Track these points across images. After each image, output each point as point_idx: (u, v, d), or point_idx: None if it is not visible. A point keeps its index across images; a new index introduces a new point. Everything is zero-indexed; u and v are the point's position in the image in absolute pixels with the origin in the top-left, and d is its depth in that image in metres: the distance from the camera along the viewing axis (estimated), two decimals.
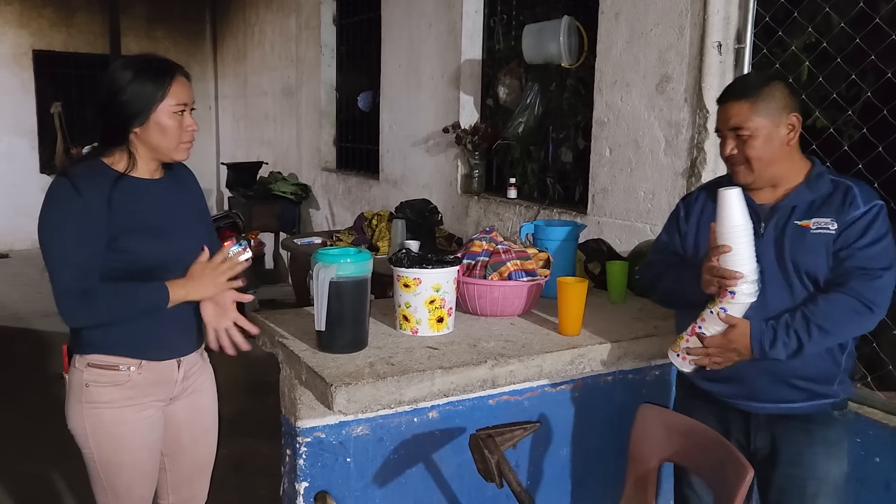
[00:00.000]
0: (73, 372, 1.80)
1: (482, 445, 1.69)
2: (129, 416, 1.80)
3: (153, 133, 1.71)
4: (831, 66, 2.45)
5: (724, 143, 1.76)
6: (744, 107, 1.70)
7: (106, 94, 1.69)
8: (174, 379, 1.88)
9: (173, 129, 1.71)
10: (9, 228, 8.67)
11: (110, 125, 1.70)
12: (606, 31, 3.24)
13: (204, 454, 2.04)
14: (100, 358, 1.76)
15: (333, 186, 6.39)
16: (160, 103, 1.68)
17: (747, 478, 1.58)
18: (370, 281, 1.93)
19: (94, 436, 1.79)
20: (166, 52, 9.88)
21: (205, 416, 2.01)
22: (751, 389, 1.80)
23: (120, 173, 1.72)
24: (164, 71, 1.70)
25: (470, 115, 4.50)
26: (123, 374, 1.77)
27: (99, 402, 1.77)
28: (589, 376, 2.18)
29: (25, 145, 8.73)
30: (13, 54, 8.57)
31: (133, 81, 1.67)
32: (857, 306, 1.65)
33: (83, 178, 1.67)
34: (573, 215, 3.52)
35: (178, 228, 1.80)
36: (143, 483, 1.89)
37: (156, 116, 1.69)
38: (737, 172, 1.77)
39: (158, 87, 1.67)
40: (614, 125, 3.24)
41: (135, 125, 1.69)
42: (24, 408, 4.01)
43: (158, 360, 1.83)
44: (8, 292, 6.71)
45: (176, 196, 1.84)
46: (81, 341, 1.77)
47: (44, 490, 3.20)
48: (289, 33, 7.08)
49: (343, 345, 1.90)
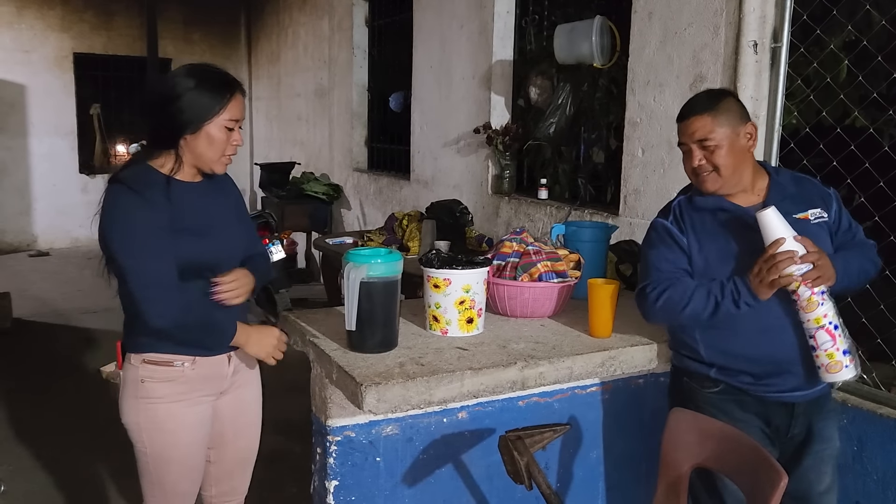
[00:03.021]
0: (129, 368, 1.84)
1: (511, 447, 1.68)
2: (181, 410, 1.85)
3: (201, 143, 1.73)
4: (871, 64, 2.40)
5: (691, 156, 1.90)
6: (707, 120, 1.85)
7: (162, 98, 1.71)
8: (225, 374, 1.92)
9: (221, 141, 1.74)
10: (50, 227, 8.90)
11: (161, 128, 1.73)
12: (639, 30, 3.21)
13: (246, 448, 2.07)
14: (155, 355, 1.80)
15: (365, 187, 6.43)
16: (216, 117, 1.71)
17: (781, 484, 1.56)
18: (400, 282, 1.94)
19: (147, 430, 1.84)
20: (202, 55, 10.04)
21: (250, 411, 2.04)
22: (797, 380, 1.87)
23: (167, 176, 1.76)
24: (225, 85, 1.72)
25: (501, 116, 4.49)
26: (177, 370, 1.81)
27: (153, 398, 1.82)
28: (620, 379, 2.16)
29: (66, 146, 8.93)
30: (55, 57, 8.78)
31: (193, 90, 1.69)
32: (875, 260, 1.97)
33: (137, 181, 1.70)
34: (604, 216, 3.49)
35: (216, 231, 1.84)
36: (189, 478, 1.94)
37: (208, 127, 1.71)
38: (705, 180, 1.90)
39: (217, 101, 1.70)
40: (647, 125, 3.21)
41: (187, 132, 1.72)
42: (61, 404, 4.11)
43: (211, 355, 1.87)
44: (49, 290, 6.88)
45: (215, 200, 1.88)
46: (137, 340, 1.80)
47: (78, 486, 3.27)
48: (322, 35, 7.15)
49: (373, 345, 1.91)
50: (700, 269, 1.92)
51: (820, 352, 1.79)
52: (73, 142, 8.98)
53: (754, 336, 1.86)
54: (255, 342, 1.87)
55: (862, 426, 2.21)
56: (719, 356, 1.92)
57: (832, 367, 1.78)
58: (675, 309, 1.88)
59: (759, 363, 1.88)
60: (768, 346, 1.86)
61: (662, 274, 1.92)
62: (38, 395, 4.24)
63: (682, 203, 1.99)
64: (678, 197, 2.03)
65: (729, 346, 1.90)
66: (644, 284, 1.95)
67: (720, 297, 1.83)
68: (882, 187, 2.30)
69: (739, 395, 1.93)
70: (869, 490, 2.21)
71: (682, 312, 1.88)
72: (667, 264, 1.93)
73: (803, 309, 1.78)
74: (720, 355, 1.92)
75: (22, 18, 8.61)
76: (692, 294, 1.86)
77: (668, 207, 2.02)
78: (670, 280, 1.91)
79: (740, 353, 1.89)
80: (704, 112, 1.86)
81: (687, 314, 1.88)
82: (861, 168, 2.35)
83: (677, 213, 1.98)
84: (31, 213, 8.83)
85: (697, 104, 1.90)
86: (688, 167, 1.93)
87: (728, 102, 1.89)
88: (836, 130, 2.47)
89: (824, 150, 2.48)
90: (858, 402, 2.23)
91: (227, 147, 1.75)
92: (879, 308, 2.29)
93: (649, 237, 2.01)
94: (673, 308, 1.88)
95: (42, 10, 8.68)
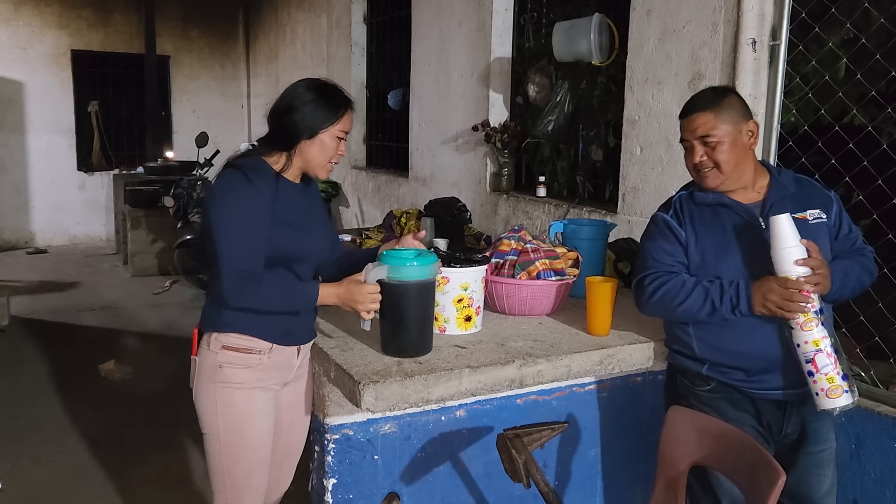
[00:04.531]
0: (206, 354, 1.89)
1: (510, 445, 1.68)
2: (257, 396, 1.90)
3: (314, 148, 1.89)
4: (870, 62, 2.40)
5: (693, 152, 1.91)
6: (709, 117, 1.87)
7: (286, 106, 1.88)
8: (293, 365, 1.96)
9: (331, 149, 1.90)
10: (48, 225, 8.88)
11: (284, 131, 1.88)
12: (638, 28, 3.21)
13: (296, 440, 2.09)
14: (236, 339, 1.86)
15: (363, 184, 6.42)
16: (332, 127, 1.88)
17: (780, 482, 1.56)
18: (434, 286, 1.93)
19: (223, 414, 1.88)
20: (200, 52, 10.02)
21: (304, 401, 2.06)
22: (789, 377, 1.86)
23: (276, 172, 1.89)
24: (340, 102, 1.90)
25: (499, 113, 4.49)
26: (255, 357, 1.87)
27: (232, 383, 1.87)
28: (618, 377, 2.16)
29: (64, 143, 8.92)
30: (53, 54, 8.76)
31: (312, 103, 1.87)
32: (872, 270, 1.97)
33: (253, 169, 1.83)
34: (603, 214, 3.49)
35: (312, 227, 1.96)
36: (259, 470, 1.95)
37: (323, 135, 1.88)
38: (706, 177, 1.91)
39: (333, 114, 1.88)
40: (645, 123, 3.21)
41: (304, 136, 1.87)
42: (59, 402, 4.09)
43: (286, 345, 1.92)
44: (46, 287, 6.86)
45: (310, 200, 2.00)
46: (221, 320, 1.86)
47: (76, 485, 3.26)
48: (320, 32, 7.14)
49: (394, 349, 1.90)
50: (696, 262, 1.92)
51: (820, 376, 1.75)
52: (72, 139, 8.96)
53: (747, 332, 1.87)
54: (346, 299, 1.89)
55: (860, 424, 2.21)
56: (711, 352, 1.92)
57: (832, 391, 1.74)
58: (670, 304, 1.89)
59: (751, 359, 1.88)
60: (761, 341, 1.86)
61: (660, 265, 1.94)
62: (35, 393, 4.23)
63: (683, 198, 2.01)
64: (680, 192, 2.04)
65: (721, 341, 1.90)
66: (642, 276, 1.96)
67: (718, 303, 1.83)
68: (881, 185, 2.30)
69: (731, 392, 1.93)
70: (867, 488, 2.21)
71: (677, 309, 1.89)
72: (665, 256, 1.94)
73: (801, 327, 1.75)
74: (712, 351, 1.92)
75: (19, 15, 8.58)
76: (690, 292, 1.87)
77: (669, 202, 2.04)
78: (668, 274, 1.91)
79: (733, 349, 1.89)
80: (707, 109, 1.87)
81: (681, 311, 1.89)
82: (860, 166, 2.35)
83: (678, 207, 1.99)
84: (28, 211, 8.82)
85: (700, 101, 1.91)
86: (689, 163, 1.94)
87: (731, 99, 1.90)
88: (835, 128, 2.47)
89: (823, 148, 2.48)
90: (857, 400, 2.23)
91: (334, 155, 1.91)
92: (878, 306, 2.29)
93: (649, 230, 2.03)
94: (668, 303, 1.89)
95: (39, 7, 8.66)
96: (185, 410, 1.95)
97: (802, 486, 1.91)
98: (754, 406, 1.92)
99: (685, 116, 1.92)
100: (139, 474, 3.29)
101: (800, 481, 1.91)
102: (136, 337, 5.32)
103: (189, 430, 1.96)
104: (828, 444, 1.94)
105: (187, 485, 3.20)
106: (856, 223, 2.02)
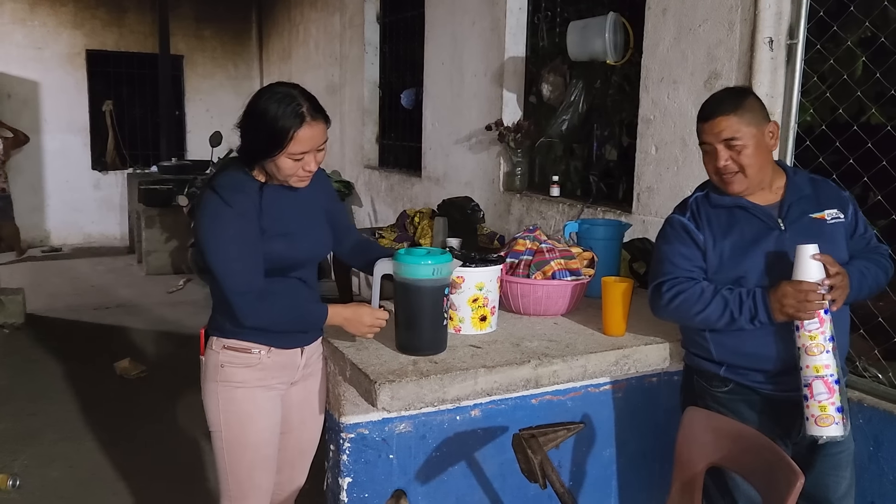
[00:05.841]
0: (210, 354, 1.93)
1: (525, 445, 1.68)
2: (258, 395, 1.92)
3: (274, 168, 1.83)
4: (888, 61, 2.38)
5: (716, 156, 1.86)
6: (732, 120, 1.83)
7: (241, 126, 1.84)
8: (297, 364, 1.98)
9: (289, 169, 1.82)
10: (62, 223, 8.96)
11: (242, 151, 1.87)
12: (653, 27, 3.19)
13: (308, 439, 2.10)
14: (235, 342, 1.90)
15: (376, 184, 6.43)
16: (280, 154, 1.78)
17: (798, 484, 1.55)
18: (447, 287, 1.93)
19: (225, 412, 1.91)
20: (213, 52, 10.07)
21: (315, 401, 2.08)
22: None
23: (261, 183, 1.88)
24: (285, 126, 1.76)
25: (513, 113, 4.48)
26: (255, 357, 1.90)
27: (233, 382, 1.90)
28: (633, 377, 2.15)
29: (78, 142, 8.99)
30: (68, 54, 8.83)
31: (255, 131, 1.80)
32: (888, 269, 1.97)
33: (230, 189, 1.81)
34: (617, 214, 3.48)
35: (307, 231, 1.94)
36: (263, 468, 1.97)
37: (276, 159, 1.80)
38: (731, 182, 1.88)
39: (277, 145, 1.77)
40: (661, 123, 3.19)
41: (260, 158, 1.83)
42: (75, 399, 4.13)
43: (285, 348, 1.94)
44: (61, 285, 6.92)
45: (307, 200, 1.96)
46: (222, 326, 1.91)
47: (91, 481, 3.29)
48: (333, 32, 7.15)
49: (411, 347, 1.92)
50: (714, 265, 1.91)
51: (812, 402, 1.74)
52: (86, 138, 9.04)
53: (766, 335, 1.85)
54: (352, 326, 1.94)
55: (878, 426, 2.20)
56: (730, 355, 1.91)
57: (822, 419, 1.74)
58: (688, 312, 1.88)
59: (771, 361, 1.87)
60: (780, 343, 1.85)
61: (678, 270, 1.91)
62: (51, 390, 4.27)
63: (699, 199, 1.98)
64: (695, 193, 2.01)
65: (740, 344, 1.89)
66: (660, 281, 1.93)
67: (737, 314, 1.82)
68: None
69: (749, 394, 1.92)
70: (885, 490, 2.19)
71: (695, 317, 1.87)
72: (682, 260, 1.92)
73: (806, 351, 1.74)
74: (730, 354, 1.91)
75: (35, 15, 8.66)
76: (709, 302, 1.85)
77: (684, 203, 2.01)
78: (687, 280, 1.89)
79: (751, 352, 1.88)
80: (731, 112, 1.83)
81: (699, 320, 1.88)
82: (878, 166, 2.33)
83: (694, 209, 1.96)
84: (43, 210, 8.89)
85: (723, 103, 1.87)
86: (710, 167, 1.91)
87: (752, 101, 1.88)
88: (853, 128, 2.45)
89: (840, 147, 2.46)
90: (875, 402, 2.21)
91: (294, 175, 1.84)
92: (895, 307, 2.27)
93: (664, 232, 1.99)
94: (686, 311, 1.88)
95: (55, 7, 8.73)
96: (199, 409, 1.97)
97: (820, 487, 1.90)
98: (772, 407, 1.91)
99: (707, 120, 1.87)
100: (154, 473, 3.32)
101: (817, 483, 1.89)
102: (151, 335, 5.36)
103: (204, 429, 1.98)
104: (845, 445, 1.92)
105: (201, 483, 3.22)
106: (873, 223, 2.01)
